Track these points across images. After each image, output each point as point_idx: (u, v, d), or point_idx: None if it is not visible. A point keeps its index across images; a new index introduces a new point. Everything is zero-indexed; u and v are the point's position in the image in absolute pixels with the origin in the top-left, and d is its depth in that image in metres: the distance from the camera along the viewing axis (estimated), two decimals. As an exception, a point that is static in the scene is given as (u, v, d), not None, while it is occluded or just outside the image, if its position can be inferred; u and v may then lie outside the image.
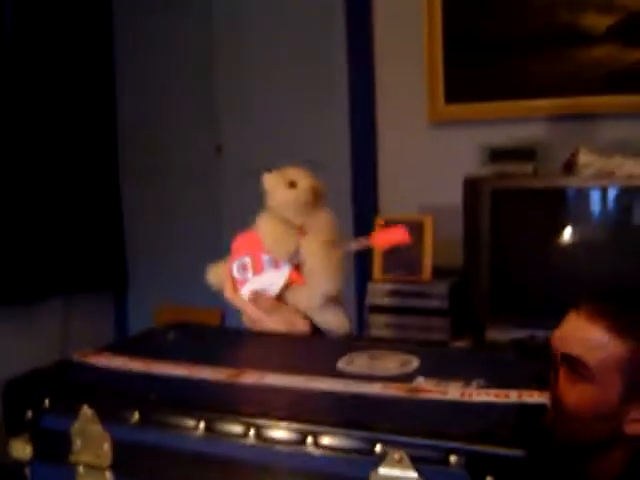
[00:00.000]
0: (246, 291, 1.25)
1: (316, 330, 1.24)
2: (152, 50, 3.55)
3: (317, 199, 1.26)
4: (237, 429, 0.75)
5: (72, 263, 3.40)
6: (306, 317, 1.25)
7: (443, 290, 2.42)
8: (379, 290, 2.48)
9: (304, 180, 1.26)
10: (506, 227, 2.35)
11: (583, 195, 2.31)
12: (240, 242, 1.30)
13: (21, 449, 0.88)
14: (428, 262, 2.44)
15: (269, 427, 0.74)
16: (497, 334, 2.34)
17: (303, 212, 1.25)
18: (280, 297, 1.24)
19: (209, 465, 0.77)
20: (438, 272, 2.48)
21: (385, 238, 1.32)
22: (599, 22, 2.57)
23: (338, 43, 3.02)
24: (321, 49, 3.14)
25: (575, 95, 2.57)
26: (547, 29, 2.61)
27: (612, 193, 2.28)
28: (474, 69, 2.73)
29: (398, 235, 1.28)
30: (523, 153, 2.44)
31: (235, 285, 1.26)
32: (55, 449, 0.86)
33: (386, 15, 2.89)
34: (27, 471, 0.89)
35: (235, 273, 1.27)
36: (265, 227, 1.26)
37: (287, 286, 1.24)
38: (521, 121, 2.64)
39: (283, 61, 3.23)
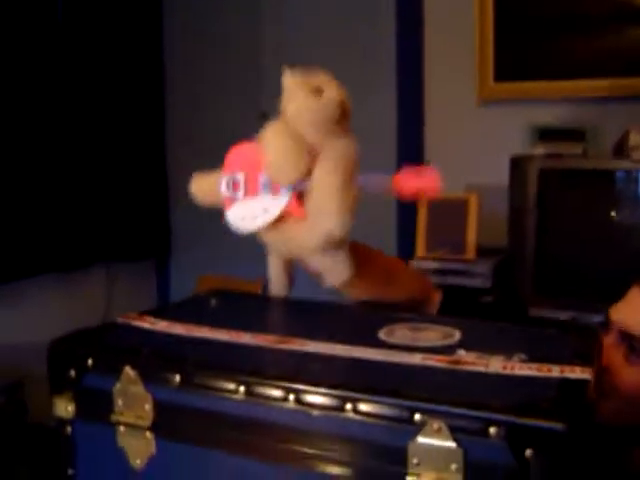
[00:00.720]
0: (233, 212, 1.04)
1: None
2: (201, 17, 3.57)
3: (343, 118, 1.00)
4: (277, 393, 0.75)
5: (116, 231, 3.45)
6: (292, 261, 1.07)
7: (487, 269, 2.41)
8: (422, 268, 2.47)
9: (333, 89, 0.99)
10: (553, 208, 2.33)
11: (633, 177, 2.28)
12: (236, 154, 1.06)
13: (64, 407, 0.90)
14: (472, 240, 2.43)
15: (309, 392, 0.74)
16: (540, 314, 2.32)
17: (323, 130, 0.98)
18: (273, 229, 1.01)
19: (249, 428, 0.78)
20: (482, 251, 2.46)
21: (413, 182, 1.02)
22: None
23: (388, 17, 3.00)
24: (371, 22, 3.13)
25: (626, 76, 2.53)
26: (598, 8, 2.57)
27: (663, 176, 2.24)
28: (524, 48, 2.70)
29: (427, 182, 1.02)
30: (572, 134, 2.41)
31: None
32: (97, 408, 0.87)
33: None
34: (68, 429, 0.91)
35: (223, 189, 1.04)
36: (272, 140, 0.99)
37: (283, 217, 0.99)
38: (570, 101, 2.60)
39: (331, 31, 3.22)
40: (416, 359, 0.83)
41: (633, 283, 1.24)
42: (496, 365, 0.80)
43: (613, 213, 2.30)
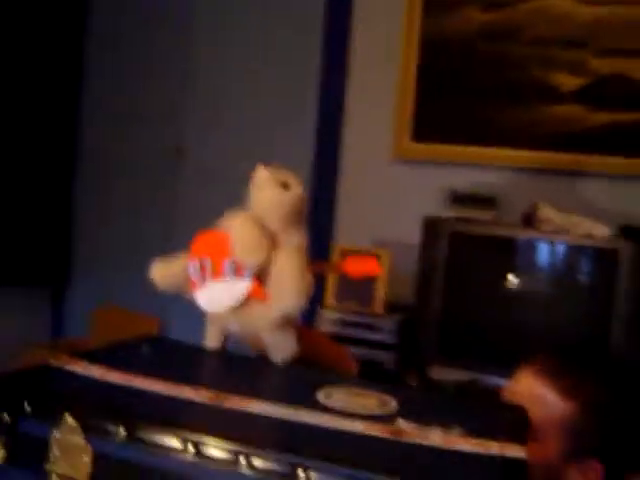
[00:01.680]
0: (201, 295, 1.11)
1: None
2: (123, 46, 3.54)
3: (301, 213, 1.12)
4: (227, 456, 0.75)
5: (12, 255, 3.35)
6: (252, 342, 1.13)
7: (393, 325, 2.46)
8: (329, 317, 2.50)
9: (298, 185, 1.12)
10: (460, 270, 2.40)
11: (539, 248, 2.38)
12: (202, 240, 1.14)
13: (-7, 452, 0.87)
14: (381, 295, 2.48)
15: (260, 457, 0.74)
16: (441, 374, 2.38)
17: (286, 220, 1.10)
18: (234, 310, 1.09)
19: (194, 488, 0.77)
20: (390, 307, 2.51)
21: (358, 267, 1.22)
22: (569, 82, 2.65)
23: (311, 63, 3.05)
24: (293, 66, 3.17)
25: (539, 149, 2.65)
26: (520, 82, 2.69)
27: (566, 250, 2.35)
28: (444, 111, 2.79)
29: (370, 266, 1.25)
30: (484, 200, 2.50)
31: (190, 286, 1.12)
32: (31, 456, 0.85)
33: (363, 46, 2.94)
34: (-2, 476, 0.88)
35: (191, 273, 1.12)
36: (239, 228, 1.09)
37: (245, 299, 1.08)
38: (485, 168, 2.70)
39: (252, 71, 3.25)
40: (359, 427, 0.84)
41: (522, 361, 1.30)
42: (436, 438, 0.82)
43: (516, 280, 2.39)
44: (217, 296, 1.09)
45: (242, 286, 1.07)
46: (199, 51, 3.40)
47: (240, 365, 1.09)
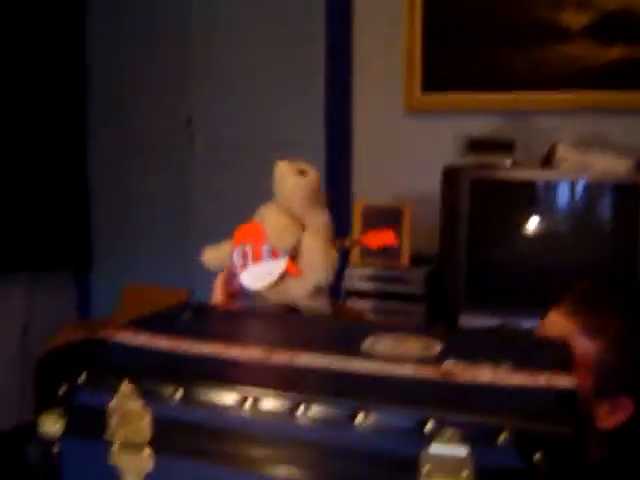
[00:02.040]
0: (245, 277, 1.30)
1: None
2: (127, 18, 3.53)
3: (320, 194, 1.31)
4: (283, 407, 0.77)
5: (35, 239, 3.38)
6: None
7: (420, 276, 2.47)
8: (357, 275, 2.51)
9: (313, 170, 1.30)
10: (483, 217, 2.41)
11: (559, 188, 2.37)
12: (243, 230, 1.34)
13: (52, 425, 0.89)
14: (406, 248, 2.49)
15: (316, 404, 0.76)
16: (470, 321, 2.39)
17: (309, 201, 1.28)
18: (275, 288, 1.28)
19: (252, 442, 0.79)
20: (415, 259, 2.52)
21: (376, 239, 1.39)
22: (577, 19, 2.63)
23: (318, 27, 3.03)
24: (301, 32, 3.16)
25: (553, 89, 2.63)
26: (527, 24, 2.67)
27: (587, 187, 2.34)
28: (453, 60, 2.77)
29: (388, 237, 1.37)
30: (502, 145, 2.49)
31: (232, 270, 1.32)
32: (88, 426, 0.86)
33: (367, 1, 2.92)
34: (55, 448, 0.89)
35: (235, 259, 1.31)
36: (270, 218, 1.29)
37: (282, 276, 1.27)
38: (500, 113, 2.69)
39: (262, 40, 3.24)
40: (408, 370, 0.86)
41: (550, 302, 1.31)
42: (486, 374, 0.84)
43: (540, 222, 2.39)
44: (258, 276, 1.28)
45: (278, 265, 1.26)
46: (206, 21, 3.39)
47: (283, 322, 1.11)
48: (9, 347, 3.37)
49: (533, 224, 2.38)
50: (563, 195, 2.38)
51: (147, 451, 0.84)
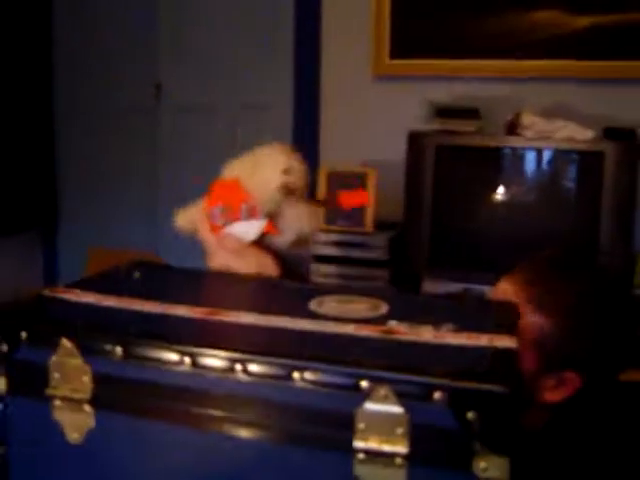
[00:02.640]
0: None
1: (286, 271, 1.27)
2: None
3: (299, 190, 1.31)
4: (223, 364, 0.77)
5: (1, 202, 3.34)
6: (276, 259, 1.28)
7: (383, 242, 2.47)
8: (321, 240, 2.51)
9: (299, 170, 1.31)
10: (447, 183, 2.41)
11: (523, 155, 2.38)
12: (218, 188, 1.30)
13: (-6, 382, 0.88)
14: (370, 214, 2.49)
15: (255, 362, 0.76)
16: (433, 287, 2.41)
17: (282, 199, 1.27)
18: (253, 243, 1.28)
19: (193, 399, 0.79)
20: (380, 225, 2.53)
21: (349, 199, 1.41)
22: (546, -14, 2.62)
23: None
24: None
25: (520, 58, 2.63)
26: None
27: (551, 155, 2.35)
28: (421, 26, 2.76)
29: (361, 197, 1.39)
30: (467, 111, 2.49)
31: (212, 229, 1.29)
32: (30, 382, 0.86)
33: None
34: (0, 406, 0.89)
35: (213, 217, 1.28)
36: (259, 179, 1.26)
37: (262, 235, 1.28)
38: (466, 80, 2.69)
39: (230, 4, 3.20)
40: (350, 329, 0.86)
41: (518, 256, 1.30)
42: (427, 334, 0.84)
43: (504, 189, 2.40)
44: (237, 235, 1.26)
45: (259, 224, 1.26)
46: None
47: (233, 283, 1.11)
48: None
49: (497, 191, 2.39)
50: (527, 162, 2.39)
51: (88, 407, 0.84)
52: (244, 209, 1.26)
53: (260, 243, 1.28)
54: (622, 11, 2.56)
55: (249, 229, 1.26)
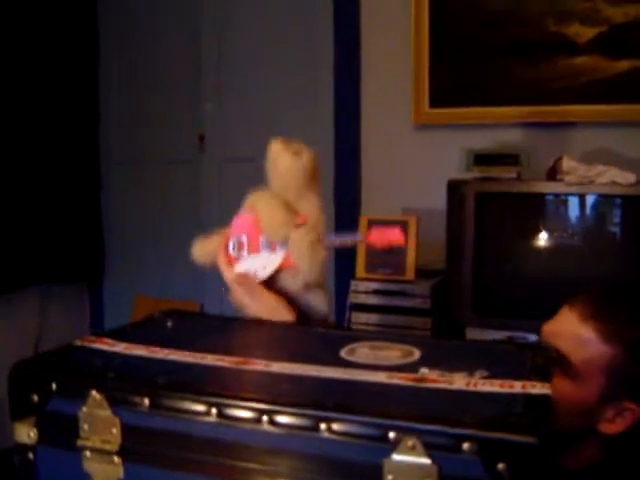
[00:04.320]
0: (239, 269, 1.25)
1: (300, 317, 1.24)
2: (139, 36, 3.55)
3: (316, 175, 1.26)
4: (250, 415, 0.76)
5: (48, 253, 3.39)
6: (291, 303, 1.25)
7: (426, 290, 2.45)
8: (362, 288, 2.50)
9: (308, 151, 1.25)
10: (489, 230, 2.39)
11: (565, 201, 2.35)
12: (238, 221, 1.28)
13: (26, 433, 0.88)
14: (411, 262, 2.47)
15: (282, 413, 0.75)
16: (477, 335, 2.37)
17: (304, 184, 1.24)
18: (270, 279, 1.24)
19: (221, 450, 0.78)
20: (421, 273, 2.51)
21: (381, 237, 1.30)
22: (584, 32, 2.61)
23: (324, 40, 3.04)
24: (307, 45, 3.16)
25: (558, 103, 2.62)
26: (533, 37, 2.66)
27: (593, 200, 2.32)
28: (460, 73, 2.76)
29: (394, 235, 1.27)
30: (507, 158, 2.47)
31: (229, 261, 1.26)
32: (61, 433, 0.86)
33: (373, 16, 2.92)
34: (30, 455, 0.89)
35: (230, 250, 1.26)
36: (264, 209, 1.24)
37: (279, 269, 1.23)
38: (505, 127, 2.68)
39: (269, 54, 3.25)
40: (381, 377, 0.85)
41: (564, 301, 1.30)
42: (460, 382, 0.83)
43: (546, 235, 2.37)
44: (253, 268, 1.23)
45: (275, 259, 1.21)
46: (208, 38, 3.41)
47: (265, 329, 1.10)
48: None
49: (539, 237, 2.36)
50: (569, 208, 2.36)
51: (117, 458, 0.83)
52: (262, 242, 1.23)
53: (274, 285, 1.24)
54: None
55: (266, 262, 1.22)
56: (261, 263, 1.23)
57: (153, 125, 3.54)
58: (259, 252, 1.23)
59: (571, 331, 1.23)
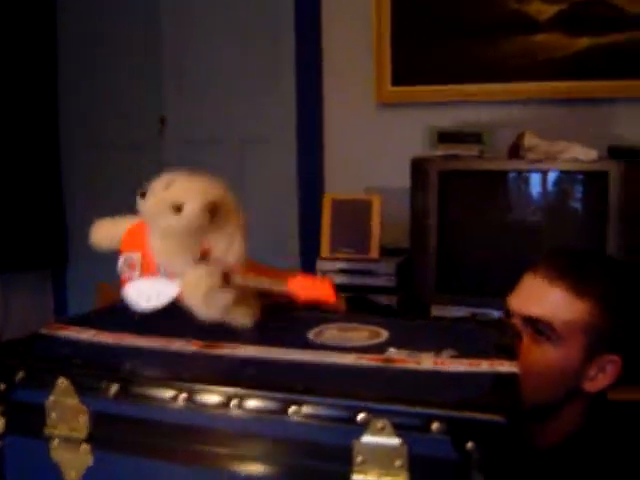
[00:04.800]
0: (129, 291, 1.03)
1: None
2: (97, 17, 3.50)
3: (217, 214, 0.99)
4: (218, 399, 0.76)
5: (10, 241, 3.34)
6: None
7: (390, 269, 2.46)
8: (327, 267, 2.50)
9: (193, 201, 0.97)
10: (452, 208, 2.40)
11: (527, 178, 2.37)
12: (132, 233, 1.07)
13: (-8, 422, 0.88)
14: (376, 241, 2.47)
15: (250, 397, 0.75)
16: (441, 312, 2.38)
17: (198, 235, 0.98)
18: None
19: (189, 436, 0.78)
20: (386, 252, 2.52)
21: (308, 291, 1.00)
22: (544, 10, 2.63)
23: (285, 19, 3.02)
24: (268, 24, 3.14)
25: (521, 81, 2.64)
26: (495, 16, 2.66)
27: (555, 176, 2.34)
28: (422, 52, 2.76)
29: (324, 291, 1.00)
30: (470, 136, 2.48)
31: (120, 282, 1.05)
32: (28, 422, 0.85)
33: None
34: (-1, 445, 0.89)
35: (120, 267, 1.05)
36: (159, 230, 1.01)
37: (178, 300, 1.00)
38: (468, 104, 2.69)
39: (229, 34, 3.22)
40: (349, 359, 0.85)
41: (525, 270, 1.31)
42: (427, 362, 0.83)
43: (508, 212, 2.39)
44: (144, 294, 1.01)
45: (172, 289, 0.99)
46: (167, 20, 3.37)
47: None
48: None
49: (502, 214, 2.38)
50: (532, 185, 2.37)
51: (86, 446, 0.83)
52: (160, 265, 1.00)
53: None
54: (621, 30, 2.57)
55: (162, 290, 1.00)
56: (156, 289, 1.01)
57: (114, 108, 3.50)
58: (155, 274, 1.01)
59: (542, 295, 1.23)
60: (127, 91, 3.47)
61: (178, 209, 0.97)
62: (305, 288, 1.00)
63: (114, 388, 0.80)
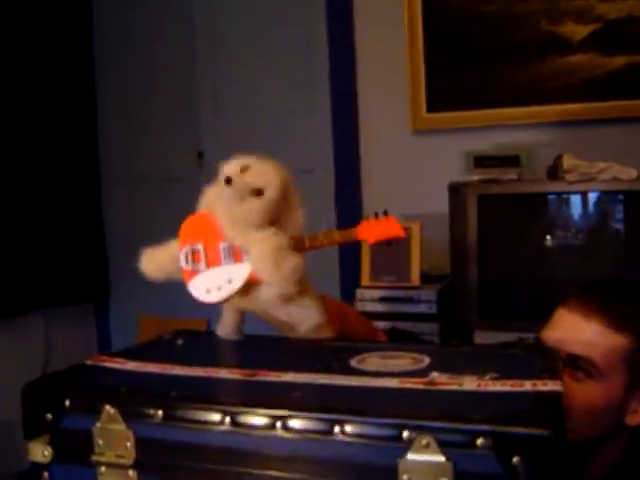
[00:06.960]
0: (196, 285, 1.03)
1: (284, 330, 1.09)
2: (134, 56, 3.56)
3: (285, 199, 1.03)
4: (263, 422, 0.76)
5: (52, 275, 3.39)
6: (268, 317, 1.08)
7: (431, 295, 2.45)
8: (368, 296, 2.50)
9: (273, 185, 1.02)
10: (492, 232, 2.39)
11: (567, 199, 2.35)
12: (191, 225, 1.07)
13: (40, 452, 0.89)
14: (416, 268, 2.47)
15: (295, 418, 0.75)
16: (485, 338, 2.36)
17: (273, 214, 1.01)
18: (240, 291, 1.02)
19: (235, 459, 0.78)
20: (426, 278, 2.51)
21: (374, 232, 1.08)
22: (578, 31, 2.62)
23: (320, 50, 3.05)
24: (302, 54, 3.17)
25: (556, 103, 2.63)
26: (528, 38, 2.67)
27: (595, 197, 2.32)
28: (456, 77, 2.77)
29: (390, 228, 1.07)
30: (507, 159, 2.47)
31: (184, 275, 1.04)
32: (75, 450, 0.86)
33: (367, 24, 2.94)
34: (45, 474, 0.89)
35: (182, 262, 1.03)
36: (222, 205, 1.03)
37: (249, 283, 1.00)
38: (503, 128, 2.68)
39: (264, 67, 3.25)
40: (393, 383, 0.85)
41: (557, 305, 1.29)
42: (470, 384, 0.83)
43: (548, 234, 2.37)
44: (213, 286, 1.01)
45: (242, 269, 0.99)
46: (203, 56, 3.42)
47: (274, 345, 1.10)
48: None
49: (542, 237, 2.36)
50: (572, 206, 2.36)
51: (132, 472, 0.83)
52: (224, 251, 1.01)
53: (245, 298, 1.03)
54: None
55: (231, 275, 0.99)
56: (224, 276, 1.00)
57: (152, 142, 3.55)
58: (220, 263, 1.01)
59: (579, 331, 1.22)
60: (165, 126, 3.52)
61: (258, 193, 1.00)
62: (373, 231, 1.08)
63: (160, 413, 0.81)
